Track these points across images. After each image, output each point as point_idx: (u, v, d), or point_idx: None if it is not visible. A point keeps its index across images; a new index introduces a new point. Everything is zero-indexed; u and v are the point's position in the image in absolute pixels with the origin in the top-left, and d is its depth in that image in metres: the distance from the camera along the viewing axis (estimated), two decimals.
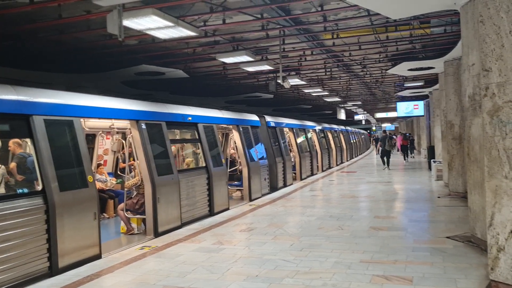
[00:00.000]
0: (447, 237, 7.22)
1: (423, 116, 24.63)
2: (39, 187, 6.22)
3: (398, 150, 31.25)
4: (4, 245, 5.50)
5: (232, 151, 14.32)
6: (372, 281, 5.29)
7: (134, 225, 9.02)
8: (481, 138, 6.30)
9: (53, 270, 6.09)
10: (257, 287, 5.28)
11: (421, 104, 23.30)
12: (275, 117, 17.28)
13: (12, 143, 6.79)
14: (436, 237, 7.37)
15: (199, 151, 11.04)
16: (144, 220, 8.84)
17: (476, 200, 6.58)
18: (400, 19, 8.65)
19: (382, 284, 5.17)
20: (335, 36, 10.75)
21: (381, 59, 14.48)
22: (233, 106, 22.76)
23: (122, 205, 8.96)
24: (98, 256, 6.87)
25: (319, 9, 8.55)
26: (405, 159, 26.62)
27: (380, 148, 23.07)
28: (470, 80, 6.63)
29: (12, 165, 6.64)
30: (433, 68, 13.58)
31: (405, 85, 18.68)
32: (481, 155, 6.35)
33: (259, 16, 8.79)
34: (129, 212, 8.84)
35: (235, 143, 13.25)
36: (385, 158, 21.96)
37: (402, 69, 13.98)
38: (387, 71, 15.50)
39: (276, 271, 5.83)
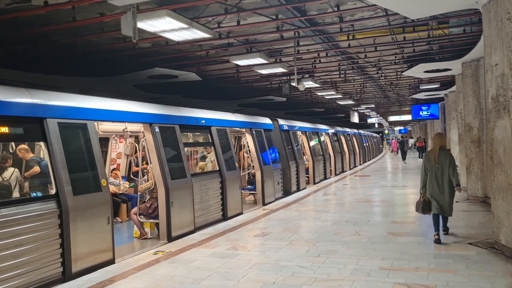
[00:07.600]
0: (469, 243, 7.00)
1: (438, 119, 24.23)
2: (53, 191, 6.14)
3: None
4: (18, 250, 5.42)
5: (245, 154, 14.17)
6: None
7: (147, 229, 8.91)
8: (506, 140, 6.11)
9: (67, 275, 5.99)
10: None
11: (436, 106, 22.96)
12: (288, 120, 17.11)
13: (19, 150, 6.73)
14: (458, 243, 7.13)
15: (212, 154, 10.91)
16: (157, 225, 8.74)
17: (500, 205, 6.35)
18: (418, 19, 8.46)
19: None
20: (350, 37, 10.57)
21: (396, 61, 14.27)
22: (246, 109, 22.63)
23: (135, 209, 8.87)
24: (111, 261, 6.76)
25: (336, 9, 8.40)
26: (419, 157, 32.40)
27: (400, 149, 33.81)
28: (493, 81, 6.43)
29: (30, 170, 6.60)
30: (450, 70, 13.33)
31: (420, 87, 18.39)
32: (506, 158, 6.14)
33: (274, 17, 8.66)
34: (142, 216, 8.73)
35: (248, 147, 13.10)
36: (404, 155, 31.93)
37: (418, 71, 13.75)
38: (402, 73, 15.26)
39: (293, 278, 5.66)
